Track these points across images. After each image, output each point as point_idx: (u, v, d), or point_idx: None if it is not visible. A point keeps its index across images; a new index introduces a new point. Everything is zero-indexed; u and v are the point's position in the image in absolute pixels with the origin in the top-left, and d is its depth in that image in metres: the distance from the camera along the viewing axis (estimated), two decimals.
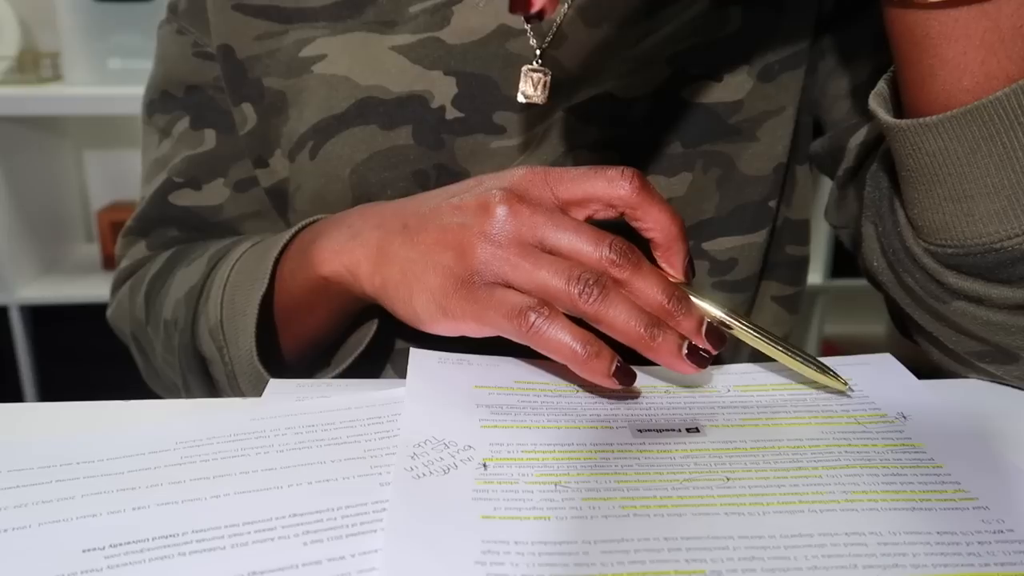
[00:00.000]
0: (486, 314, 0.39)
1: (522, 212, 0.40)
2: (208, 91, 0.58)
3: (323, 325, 0.51)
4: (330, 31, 0.52)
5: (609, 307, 0.38)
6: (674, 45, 0.50)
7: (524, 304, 0.38)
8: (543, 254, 0.39)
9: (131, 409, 0.42)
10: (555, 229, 0.40)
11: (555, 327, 0.38)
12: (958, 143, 0.37)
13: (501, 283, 0.40)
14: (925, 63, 0.37)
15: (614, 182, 0.40)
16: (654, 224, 0.41)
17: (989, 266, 0.39)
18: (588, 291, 0.38)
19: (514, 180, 0.41)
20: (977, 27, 0.35)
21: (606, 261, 0.39)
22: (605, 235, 0.39)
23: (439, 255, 0.41)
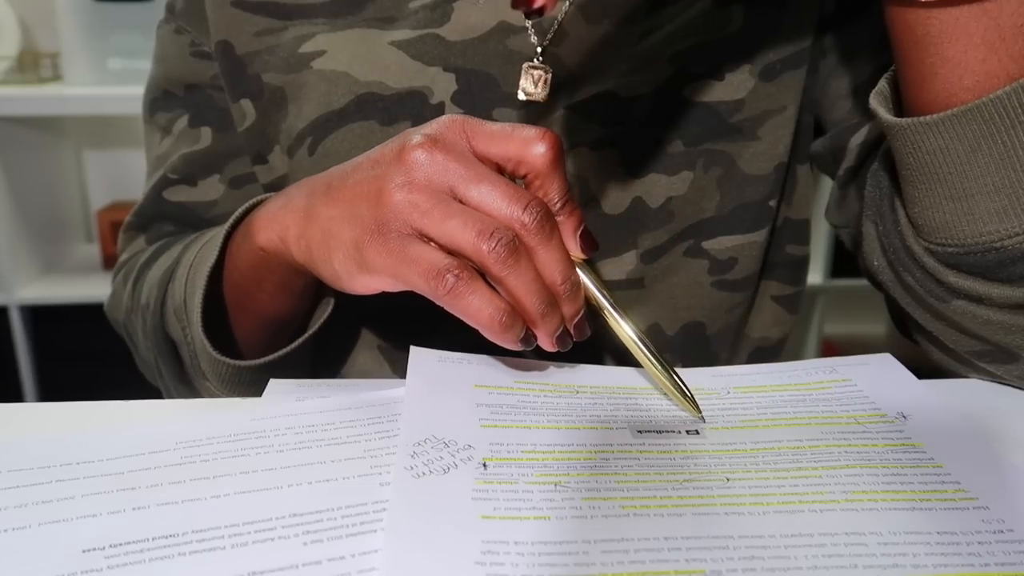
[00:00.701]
0: (402, 270, 0.38)
1: (436, 158, 0.38)
2: (206, 90, 0.58)
3: (275, 302, 0.50)
4: (330, 27, 0.52)
5: (515, 273, 0.37)
6: (676, 43, 0.50)
7: (442, 264, 0.37)
8: (455, 203, 0.38)
9: (131, 409, 0.42)
10: (470, 180, 0.38)
11: (473, 292, 0.37)
12: (958, 142, 0.37)
13: (415, 234, 0.38)
14: (926, 62, 0.37)
15: (529, 145, 0.38)
16: (555, 197, 0.39)
17: (989, 265, 0.39)
18: (499, 251, 0.36)
19: (433, 127, 0.39)
20: (978, 26, 0.35)
21: (518, 224, 0.37)
22: (523, 195, 0.38)
23: (355, 207, 0.40)
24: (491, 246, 0.36)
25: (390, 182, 0.38)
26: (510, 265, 0.37)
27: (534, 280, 0.37)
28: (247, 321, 0.52)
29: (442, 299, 0.37)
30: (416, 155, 0.38)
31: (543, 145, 0.38)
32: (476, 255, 0.37)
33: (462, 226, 0.37)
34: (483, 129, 0.39)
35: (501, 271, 0.37)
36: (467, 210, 0.37)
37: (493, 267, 0.37)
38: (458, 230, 0.37)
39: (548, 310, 0.38)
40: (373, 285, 0.40)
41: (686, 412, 0.40)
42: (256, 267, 0.47)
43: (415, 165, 0.38)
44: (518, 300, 0.37)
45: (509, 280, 0.37)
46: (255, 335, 0.52)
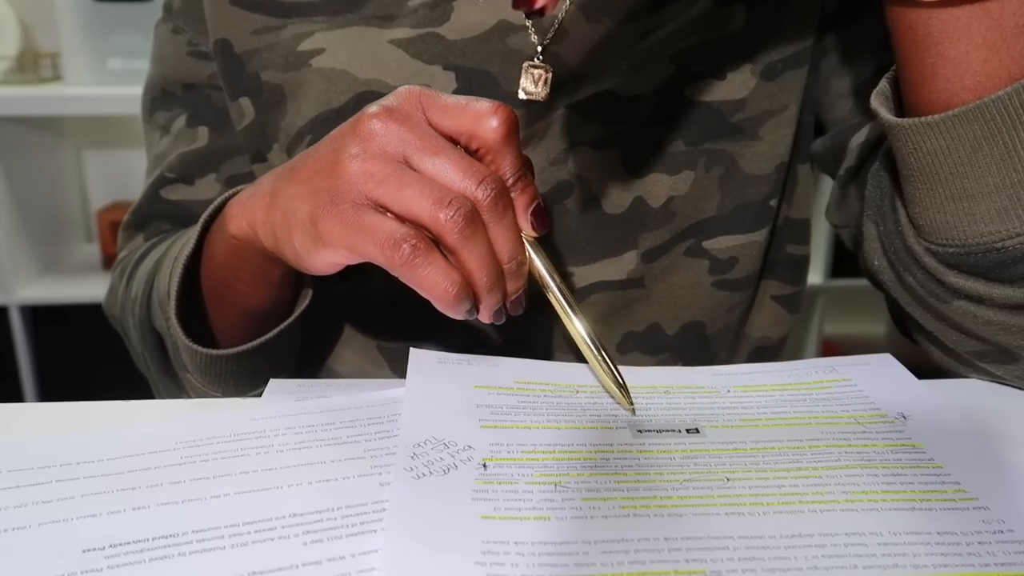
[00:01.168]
0: (357, 240, 0.37)
1: (391, 128, 0.37)
2: (204, 89, 0.58)
3: (253, 292, 0.49)
4: (328, 25, 0.52)
5: (470, 244, 0.36)
6: (677, 43, 0.50)
7: (399, 234, 0.36)
8: (411, 172, 0.37)
9: (131, 409, 0.42)
10: (425, 151, 0.37)
11: (430, 263, 0.36)
12: (959, 142, 0.37)
13: (370, 204, 0.37)
14: (927, 62, 0.37)
15: (481, 119, 0.37)
16: (507, 173, 0.38)
17: (990, 265, 0.39)
18: (456, 220, 0.36)
19: (390, 99, 0.39)
20: (979, 26, 0.35)
21: (473, 198, 0.37)
22: (479, 170, 0.37)
23: (313, 183, 0.39)
24: (448, 215, 0.36)
25: (345, 153, 0.38)
26: (467, 236, 0.36)
27: (487, 254, 0.37)
28: (228, 313, 0.51)
29: (398, 269, 0.36)
30: (371, 125, 0.37)
31: (495, 119, 0.37)
32: (432, 224, 0.36)
33: (419, 195, 0.36)
34: (438, 101, 0.38)
35: (457, 241, 0.36)
36: (423, 179, 0.37)
37: (449, 236, 0.36)
38: (415, 199, 0.36)
39: (495, 285, 0.38)
40: (331, 259, 0.39)
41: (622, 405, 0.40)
42: (231, 256, 0.47)
43: (370, 135, 0.37)
44: (469, 272, 0.37)
45: (464, 251, 0.36)
46: (237, 327, 0.51)
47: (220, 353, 0.48)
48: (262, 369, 0.51)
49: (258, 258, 0.46)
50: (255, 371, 0.51)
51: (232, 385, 0.51)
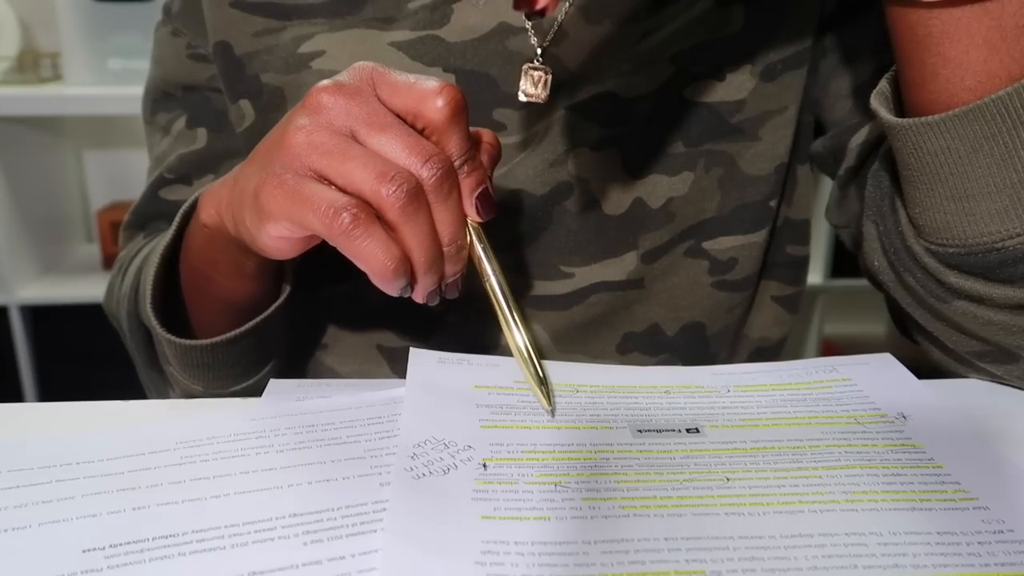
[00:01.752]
0: (297, 210, 0.36)
1: (339, 101, 0.37)
2: (204, 91, 0.58)
3: (231, 284, 0.48)
4: (328, 27, 0.52)
5: (412, 222, 0.36)
6: (676, 44, 0.50)
7: (339, 202, 0.35)
8: (357, 146, 0.36)
9: (131, 409, 0.42)
10: (372, 126, 0.37)
11: (369, 235, 0.35)
12: (960, 142, 0.37)
13: (313, 175, 0.36)
14: (927, 62, 0.37)
15: (426, 99, 0.37)
16: (453, 155, 0.38)
17: (990, 266, 0.39)
18: (399, 196, 0.35)
19: (343, 74, 0.38)
20: (979, 26, 0.35)
21: (418, 176, 0.36)
22: (426, 149, 0.36)
23: (262, 158, 0.39)
24: (391, 190, 0.35)
25: (292, 125, 0.37)
26: (408, 213, 0.36)
27: (428, 235, 0.37)
28: (209, 306, 0.51)
29: (336, 239, 0.36)
30: (320, 98, 0.37)
31: (440, 99, 0.36)
32: (374, 198, 0.35)
33: (362, 168, 0.35)
34: (387, 78, 0.38)
35: (398, 217, 0.36)
36: (368, 152, 0.36)
37: (390, 212, 0.35)
38: (357, 171, 0.36)
39: (432, 266, 0.37)
40: (275, 232, 0.38)
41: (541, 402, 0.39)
42: (205, 247, 0.47)
43: (318, 108, 0.37)
44: (409, 250, 0.37)
45: (404, 228, 0.36)
46: (220, 321, 0.51)
47: (195, 344, 0.48)
48: (241, 363, 0.51)
49: (230, 247, 0.45)
50: (234, 363, 0.50)
51: (212, 378, 0.51)
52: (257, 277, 0.48)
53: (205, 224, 0.45)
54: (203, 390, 0.52)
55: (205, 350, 0.49)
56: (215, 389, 0.52)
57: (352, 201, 0.35)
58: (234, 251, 0.45)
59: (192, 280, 0.50)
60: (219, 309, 0.51)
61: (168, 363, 0.52)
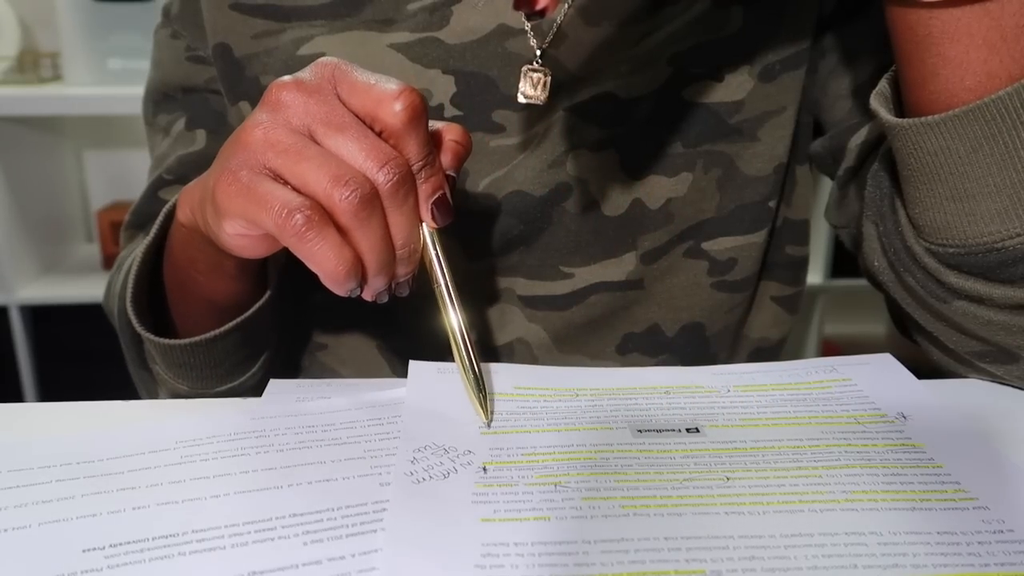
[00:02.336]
0: (251, 209, 0.36)
1: (297, 99, 0.36)
2: (203, 93, 0.58)
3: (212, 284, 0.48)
4: (328, 29, 0.52)
5: (363, 228, 0.36)
6: (675, 45, 0.50)
7: (292, 203, 0.35)
8: (313, 146, 0.36)
9: (131, 409, 0.42)
10: (330, 126, 0.36)
11: (322, 238, 0.35)
12: (960, 142, 0.37)
13: (269, 173, 0.36)
14: (927, 62, 0.37)
15: (384, 103, 0.36)
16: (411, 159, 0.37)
17: (990, 266, 0.39)
18: (352, 200, 0.35)
19: (305, 70, 0.38)
20: (979, 26, 0.35)
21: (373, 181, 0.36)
22: (384, 153, 0.36)
23: (222, 156, 0.38)
24: (343, 195, 0.35)
25: (251, 122, 0.37)
26: (361, 219, 0.35)
27: (380, 239, 0.36)
28: (194, 306, 0.51)
29: (288, 240, 0.35)
30: (280, 95, 0.37)
31: (399, 104, 0.36)
32: (327, 201, 0.35)
33: (316, 169, 0.35)
34: (347, 77, 0.37)
35: (351, 223, 0.35)
36: (324, 154, 0.36)
37: (343, 217, 0.35)
38: (311, 172, 0.35)
39: (383, 269, 0.37)
40: (231, 230, 0.38)
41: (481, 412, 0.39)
42: (185, 246, 0.47)
43: (277, 105, 0.37)
44: (361, 253, 0.36)
45: (356, 233, 0.36)
46: (205, 321, 0.51)
47: (176, 343, 0.48)
48: (224, 363, 0.50)
49: (207, 246, 0.45)
50: (216, 364, 0.50)
51: (196, 378, 0.51)
52: (238, 277, 0.48)
53: (182, 223, 0.45)
54: (188, 390, 0.52)
55: (185, 349, 0.48)
56: (200, 389, 0.52)
57: (305, 203, 0.35)
58: (211, 250, 0.45)
59: (175, 280, 0.50)
60: (203, 310, 0.50)
61: (154, 362, 0.52)
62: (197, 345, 0.48)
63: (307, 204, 0.35)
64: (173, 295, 0.51)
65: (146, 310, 0.50)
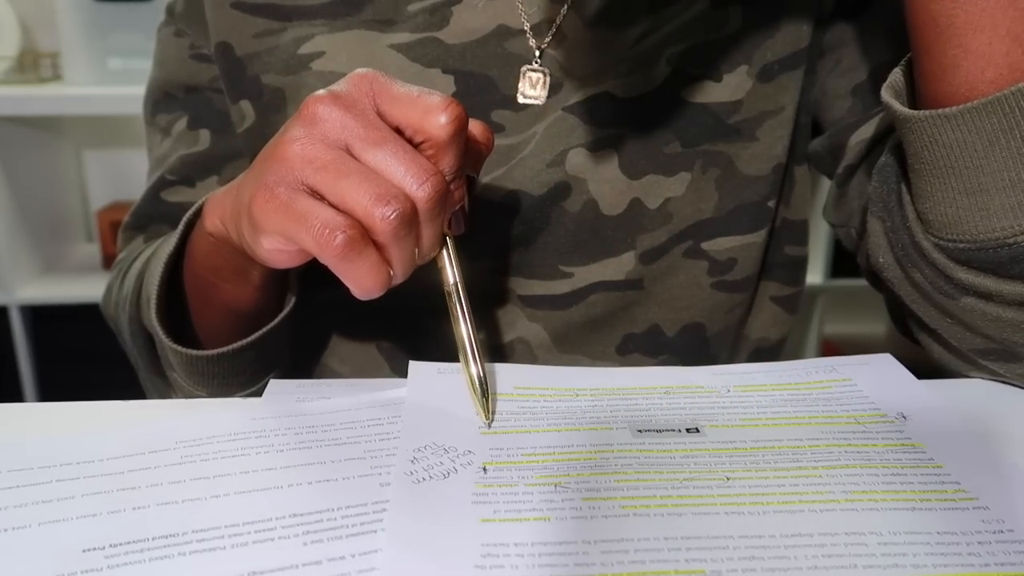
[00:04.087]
0: (290, 226, 0.36)
1: (335, 114, 0.36)
2: (206, 92, 0.58)
3: (236, 292, 0.48)
4: (328, 28, 0.52)
5: (400, 244, 0.36)
6: (674, 45, 0.50)
7: (333, 222, 0.35)
8: (353, 162, 0.36)
9: (131, 409, 0.42)
10: (368, 140, 0.36)
11: (363, 258, 0.35)
12: (976, 135, 0.36)
13: (307, 189, 0.36)
14: (948, 53, 0.37)
15: (431, 114, 0.36)
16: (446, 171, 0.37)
17: (1001, 262, 0.38)
18: (392, 222, 0.35)
19: (341, 83, 0.38)
20: (1004, 16, 0.35)
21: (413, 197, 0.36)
22: (424, 168, 0.36)
23: (258, 169, 0.38)
24: (385, 214, 0.35)
25: (287, 136, 0.37)
26: (400, 237, 0.35)
27: (410, 253, 0.37)
28: (214, 314, 0.51)
29: (329, 259, 0.35)
30: (316, 109, 0.36)
31: (445, 116, 0.36)
32: (367, 220, 0.35)
33: (356, 187, 0.35)
34: (389, 90, 0.37)
35: (389, 240, 0.36)
36: (364, 170, 0.36)
37: (382, 236, 0.35)
38: (351, 191, 0.35)
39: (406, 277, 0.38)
40: (269, 245, 0.38)
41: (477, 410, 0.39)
42: (211, 255, 0.47)
43: (314, 120, 0.36)
44: (391, 266, 0.37)
45: (392, 250, 0.36)
46: (226, 328, 0.51)
47: (201, 354, 0.48)
48: (247, 371, 0.51)
49: (236, 256, 0.45)
50: (239, 372, 0.50)
51: (217, 385, 0.51)
52: (262, 286, 0.48)
53: (210, 233, 0.45)
54: (207, 395, 0.52)
55: (212, 360, 0.48)
56: (219, 395, 0.52)
57: (346, 222, 0.35)
58: (239, 260, 0.45)
59: (196, 287, 0.50)
60: (224, 316, 0.50)
61: (172, 369, 0.51)
62: (223, 356, 0.48)
63: (348, 224, 0.35)
64: (193, 303, 0.51)
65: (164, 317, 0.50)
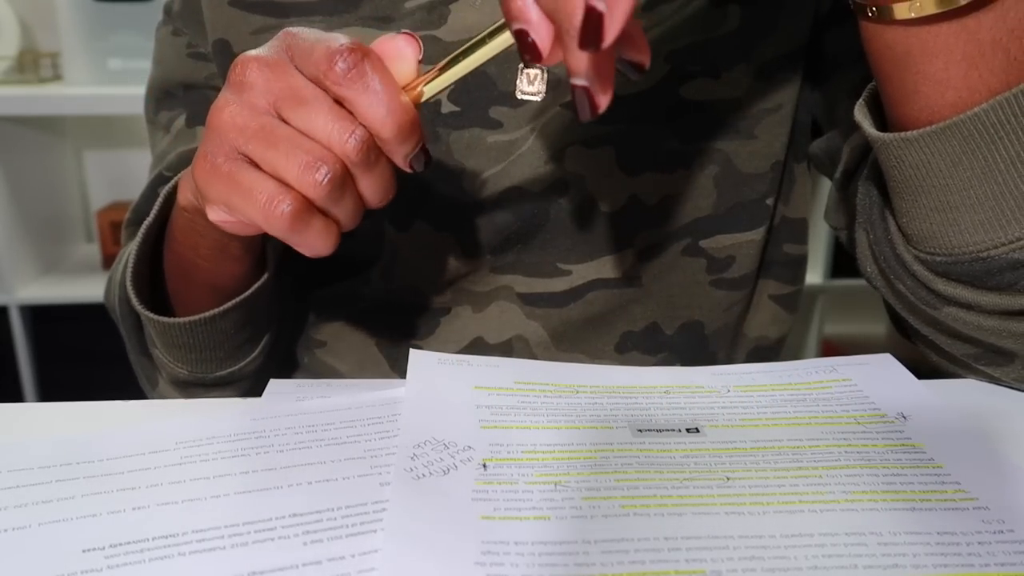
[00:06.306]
0: (234, 199, 0.36)
1: (259, 76, 0.36)
2: (203, 90, 0.58)
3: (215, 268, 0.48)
4: (326, 25, 0.52)
5: (339, 204, 0.36)
6: (672, 42, 0.50)
7: (277, 195, 0.35)
8: (281, 127, 0.35)
9: (131, 409, 0.42)
10: (291, 100, 0.35)
11: (308, 226, 0.36)
12: (940, 157, 0.37)
13: (243, 158, 0.36)
14: (907, 80, 0.37)
15: (325, 65, 0.35)
16: (363, 119, 0.35)
17: (977, 274, 0.39)
18: (324, 187, 0.35)
19: (265, 45, 0.37)
20: (957, 41, 0.35)
21: (341, 152, 0.35)
22: (345, 124, 0.35)
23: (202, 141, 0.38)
24: (317, 179, 0.35)
25: (219, 103, 0.37)
26: (335, 198, 0.36)
27: (355, 210, 0.37)
28: (197, 291, 0.51)
29: (276, 231, 0.36)
30: (243, 73, 0.36)
31: (343, 64, 0.35)
32: (301, 188, 0.35)
33: (286, 156, 0.35)
34: (300, 45, 0.36)
35: (326, 203, 0.36)
36: (291, 135, 0.35)
37: (319, 201, 0.36)
38: (281, 160, 0.35)
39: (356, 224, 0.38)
40: (216, 217, 0.38)
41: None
42: (186, 231, 0.47)
43: (241, 85, 0.36)
44: (339, 223, 0.37)
45: (334, 210, 0.37)
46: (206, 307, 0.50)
47: (174, 322, 0.49)
48: (224, 345, 0.51)
49: (211, 230, 0.44)
50: (216, 346, 0.50)
51: (196, 360, 0.51)
52: (241, 259, 0.48)
53: (184, 207, 0.45)
54: (188, 374, 0.52)
55: (185, 328, 0.49)
56: (200, 372, 0.52)
57: (284, 191, 0.35)
58: (214, 234, 0.45)
59: (177, 267, 0.50)
60: (205, 295, 0.50)
61: (154, 346, 0.52)
62: (197, 324, 0.49)
63: (291, 196, 0.35)
64: (174, 282, 0.52)
65: (147, 296, 0.50)
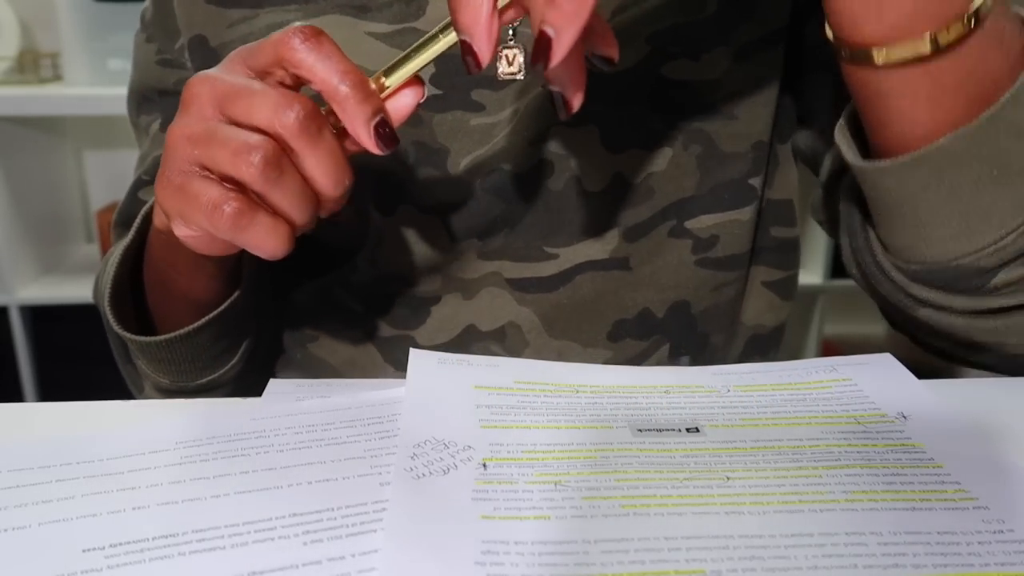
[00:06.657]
0: (187, 210, 0.36)
1: (203, 88, 0.36)
2: (173, 96, 0.60)
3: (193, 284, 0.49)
4: (303, 13, 0.52)
5: (276, 187, 0.35)
6: (653, 24, 0.50)
7: (217, 197, 0.35)
8: (220, 126, 0.36)
9: (131, 409, 0.42)
10: (230, 96, 0.36)
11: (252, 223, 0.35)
12: (910, 182, 0.40)
13: (196, 170, 0.36)
14: (880, 113, 0.41)
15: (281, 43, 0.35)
16: (320, 84, 0.36)
17: (949, 279, 0.42)
18: (257, 166, 0.35)
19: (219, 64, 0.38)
20: (922, 83, 0.38)
21: (280, 128, 0.35)
22: (284, 97, 0.35)
23: None
24: (251, 162, 0.34)
25: (172, 124, 0.37)
26: (271, 180, 0.35)
27: (298, 192, 0.36)
28: (176, 306, 0.51)
29: (224, 234, 0.35)
30: (189, 91, 0.37)
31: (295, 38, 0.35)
32: (239, 177, 0.35)
33: (219, 149, 0.35)
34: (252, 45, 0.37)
35: (262, 188, 0.35)
36: (227, 131, 0.35)
37: (253, 185, 0.35)
38: (219, 154, 0.35)
39: (310, 216, 0.37)
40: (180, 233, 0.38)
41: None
42: (164, 248, 0.47)
43: (189, 101, 0.37)
44: (284, 213, 0.37)
45: (271, 196, 0.36)
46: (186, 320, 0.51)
47: (149, 340, 0.49)
48: (202, 357, 0.51)
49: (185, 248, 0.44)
50: (193, 358, 0.51)
51: (176, 372, 0.52)
52: (216, 276, 0.48)
53: (158, 228, 0.46)
54: (170, 383, 0.53)
55: (162, 345, 0.50)
56: (181, 382, 0.53)
57: (228, 193, 0.35)
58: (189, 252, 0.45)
59: (156, 281, 0.51)
60: (183, 308, 0.51)
61: (136, 357, 0.53)
62: (173, 341, 0.49)
63: (228, 194, 0.35)
64: (153, 295, 0.52)
65: (129, 307, 0.51)
